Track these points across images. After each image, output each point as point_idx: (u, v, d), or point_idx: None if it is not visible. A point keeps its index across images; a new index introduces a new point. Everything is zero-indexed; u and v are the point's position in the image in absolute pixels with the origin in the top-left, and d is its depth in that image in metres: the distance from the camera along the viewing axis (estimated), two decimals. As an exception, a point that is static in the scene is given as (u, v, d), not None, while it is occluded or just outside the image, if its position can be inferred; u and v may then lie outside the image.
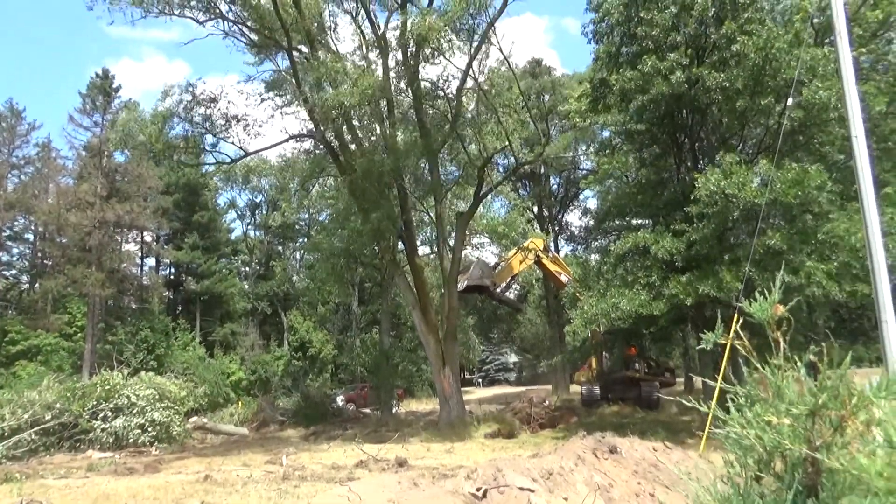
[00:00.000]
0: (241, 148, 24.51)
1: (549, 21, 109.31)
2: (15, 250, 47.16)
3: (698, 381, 28.14)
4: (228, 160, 26.40)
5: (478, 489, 6.66)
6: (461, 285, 24.44)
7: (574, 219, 45.26)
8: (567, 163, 38.76)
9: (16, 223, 45.21)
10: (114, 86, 43.76)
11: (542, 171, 40.10)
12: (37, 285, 45.16)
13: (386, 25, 23.30)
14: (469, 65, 22.24)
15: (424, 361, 25.39)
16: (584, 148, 35.96)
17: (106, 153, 39.52)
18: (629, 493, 7.64)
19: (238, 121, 23.59)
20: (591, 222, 36.97)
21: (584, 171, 38.60)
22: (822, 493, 1.32)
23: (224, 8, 21.95)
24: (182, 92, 22.46)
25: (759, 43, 15.32)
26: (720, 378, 11.86)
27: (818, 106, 15.33)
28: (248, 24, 22.63)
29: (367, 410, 31.15)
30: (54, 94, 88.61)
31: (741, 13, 16.22)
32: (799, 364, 1.46)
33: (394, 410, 26.65)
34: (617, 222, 22.50)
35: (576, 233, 44.01)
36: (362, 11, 23.50)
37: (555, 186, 43.17)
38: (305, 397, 29.39)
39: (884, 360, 9.67)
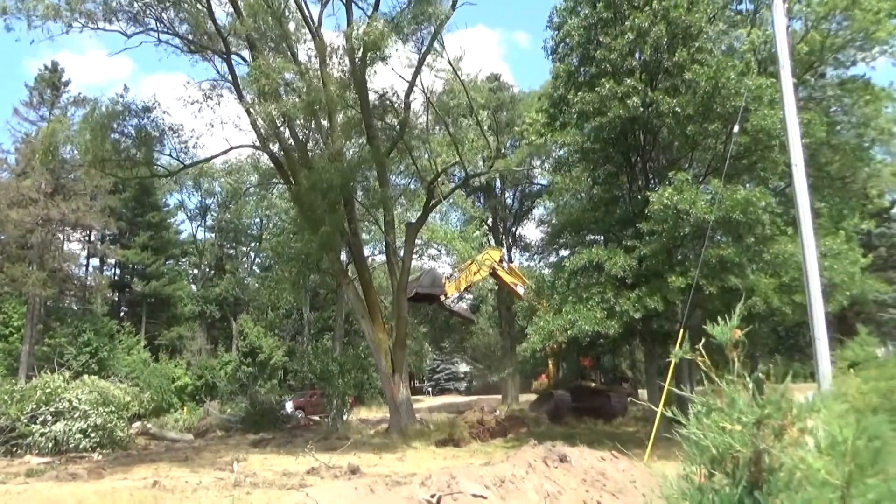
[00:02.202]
0: (178, 160, 23.93)
1: (500, 34, 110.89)
2: (-51, 245, 45.12)
3: (643, 392, 28.94)
4: (165, 173, 25.51)
5: (432, 496, 6.84)
6: (410, 293, 24.64)
7: (528, 232, 45.99)
8: (522, 177, 39.43)
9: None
10: (63, 79, 42.53)
11: (498, 184, 40.70)
12: (-29, 283, 43.24)
13: (320, 20, 22.65)
14: (416, 71, 22.28)
15: (375, 369, 25.42)
16: (539, 163, 36.68)
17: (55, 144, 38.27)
18: (578, 500, 7.92)
19: (174, 132, 22.92)
20: (546, 236, 37.65)
21: (540, 186, 39.38)
22: (764, 489, 1.58)
23: (152, 22, 21.18)
24: (113, 103, 21.41)
25: (710, 73, 16.11)
26: (664, 393, 12.35)
27: (763, 132, 16.16)
28: (181, 33, 21.85)
29: (317, 417, 30.89)
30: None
31: (692, 42, 17.01)
32: (748, 379, 1.73)
33: (344, 418, 26.57)
34: (571, 238, 23.09)
35: (531, 244, 44.75)
36: (292, 4, 22.40)
37: (510, 200, 43.84)
38: (254, 403, 28.98)
39: (816, 375, 10.30)
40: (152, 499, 10.87)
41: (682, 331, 12.81)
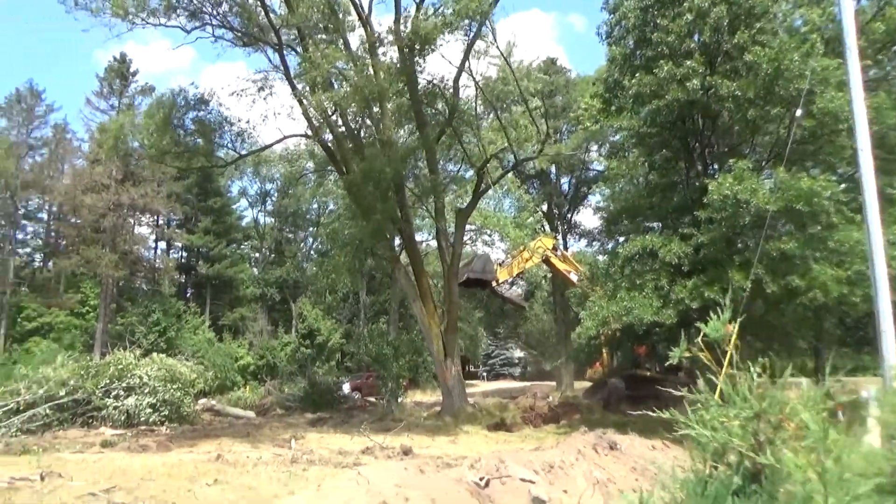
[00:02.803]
0: (234, 150, 24.85)
1: (555, 17, 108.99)
2: (29, 229, 47.99)
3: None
4: (222, 163, 26.83)
5: (481, 478, 6.99)
6: (462, 278, 24.80)
7: (584, 218, 45.52)
8: (578, 163, 38.93)
9: (30, 202, 46.00)
10: (131, 70, 44.35)
11: (553, 170, 40.29)
12: (50, 264, 45.92)
13: (370, 8, 22.83)
14: (465, 57, 22.44)
15: (430, 352, 25.82)
16: (595, 148, 36.09)
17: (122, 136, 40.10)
18: (627, 488, 7.93)
19: (230, 124, 23.94)
20: (602, 222, 37.21)
21: (595, 172, 38.78)
22: (764, 481, 1.65)
23: (207, 17, 22.10)
24: (175, 95, 22.84)
25: (771, 54, 15.49)
26: (721, 379, 12.14)
27: (830, 115, 15.46)
28: (234, 26, 22.54)
29: (373, 399, 31.55)
30: (74, 75, 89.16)
31: (754, 23, 16.37)
32: (752, 372, 1.79)
33: (399, 400, 27.07)
34: (626, 223, 22.69)
35: (588, 231, 44.24)
36: None
37: (565, 186, 43.36)
38: (312, 384, 29.79)
39: (882, 368, 9.93)
40: (215, 471, 11.42)
41: (735, 323, 12.51)
